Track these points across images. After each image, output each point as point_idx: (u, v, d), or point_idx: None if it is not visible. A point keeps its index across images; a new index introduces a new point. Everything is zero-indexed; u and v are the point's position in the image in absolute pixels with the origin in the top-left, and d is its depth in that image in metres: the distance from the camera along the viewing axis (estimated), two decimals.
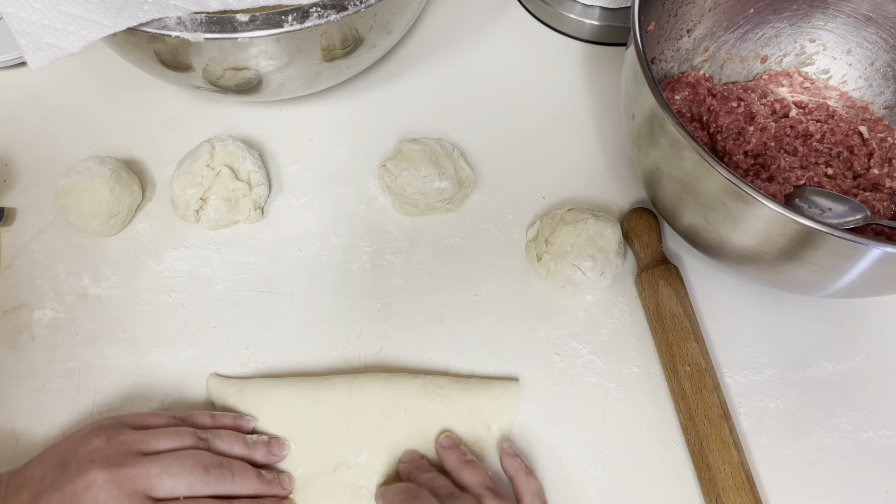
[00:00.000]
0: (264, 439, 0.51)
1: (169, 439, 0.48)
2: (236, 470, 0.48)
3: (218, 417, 0.52)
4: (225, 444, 0.50)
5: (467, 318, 0.60)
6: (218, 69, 0.58)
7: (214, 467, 0.47)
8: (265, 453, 0.51)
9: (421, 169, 0.61)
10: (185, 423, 0.51)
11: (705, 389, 0.54)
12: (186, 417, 0.51)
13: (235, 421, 0.52)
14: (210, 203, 0.61)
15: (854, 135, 0.62)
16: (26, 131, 0.68)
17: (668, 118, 0.49)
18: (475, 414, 0.54)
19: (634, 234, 0.62)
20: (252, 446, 0.51)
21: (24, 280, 0.60)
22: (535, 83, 0.74)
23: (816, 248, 0.46)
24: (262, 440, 0.51)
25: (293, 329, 0.59)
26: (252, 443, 0.51)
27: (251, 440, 0.51)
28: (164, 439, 0.48)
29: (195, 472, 0.46)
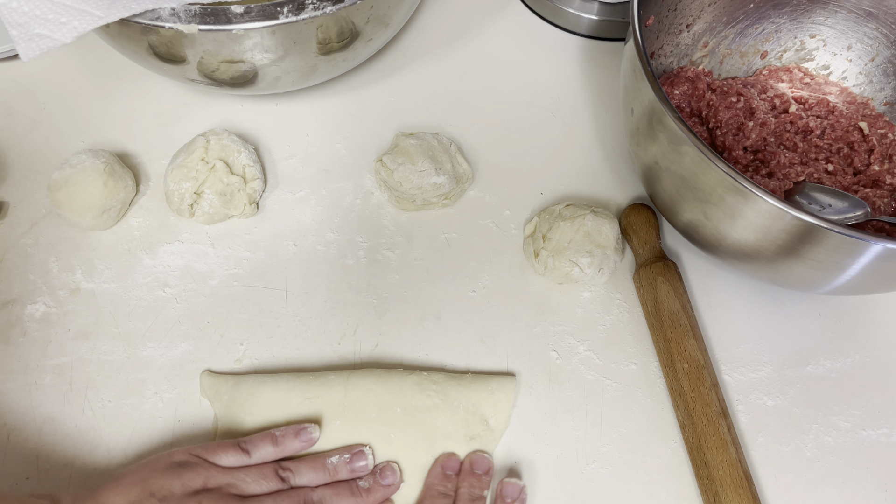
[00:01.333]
0: (346, 458, 0.50)
1: (257, 483, 0.48)
2: (328, 500, 0.49)
3: (280, 439, 0.50)
4: (305, 478, 0.50)
5: (464, 314, 0.60)
6: (213, 62, 0.58)
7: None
8: (348, 472, 0.50)
9: (418, 164, 0.61)
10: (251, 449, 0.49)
11: (703, 387, 0.53)
12: (250, 444, 0.50)
13: (298, 436, 0.51)
14: (205, 197, 0.61)
15: (854, 131, 0.61)
16: (19, 124, 0.68)
17: (667, 112, 0.48)
18: (471, 409, 0.54)
19: (632, 230, 0.62)
20: (334, 471, 0.50)
21: (16, 274, 0.60)
22: (533, 78, 0.74)
23: (816, 244, 0.45)
24: (344, 460, 0.50)
25: (288, 325, 0.59)
26: (333, 467, 0.50)
27: (331, 464, 0.50)
28: (254, 483, 0.48)
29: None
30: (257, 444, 0.50)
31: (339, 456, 0.50)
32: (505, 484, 0.51)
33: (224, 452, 0.49)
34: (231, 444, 0.49)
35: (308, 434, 0.51)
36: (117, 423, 0.54)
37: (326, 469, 0.50)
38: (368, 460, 0.51)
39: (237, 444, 0.49)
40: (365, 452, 0.51)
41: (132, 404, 0.55)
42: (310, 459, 0.50)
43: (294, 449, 0.51)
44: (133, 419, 0.54)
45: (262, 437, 0.50)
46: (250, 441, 0.50)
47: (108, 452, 0.53)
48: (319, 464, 0.50)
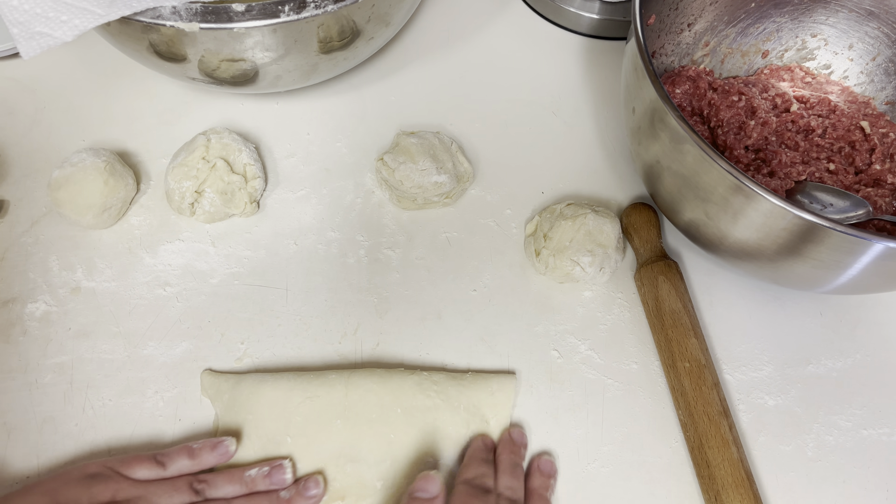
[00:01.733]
0: (264, 472, 0.49)
1: (168, 497, 0.47)
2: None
3: (197, 452, 0.50)
4: (221, 490, 0.49)
5: (465, 313, 0.60)
6: (213, 60, 0.58)
7: None
8: (266, 485, 0.49)
9: (419, 162, 0.61)
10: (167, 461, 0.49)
11: (705, 386, 0.53)
12: (166, 457, 0.49)
13: (215, 449, 0.50)
14: (205, 196, 0.61)
15: (856, 130, 0.61)
16: (20, 123, 0.68)
17: (668, 111, 0.48)
18: (472, 409, 0.54)
19: (634, 229, 0.62)
20: (251, 483, 0.49)
21: (17, 273, 0.59)
22: (534, 77, 0.74)
23: (818, 243, 0.45)
24: (262, 473, 0.49)
25: (289, 324, 0.59)
26: (251, 479, 0.49)
27: (249, 477, 0.49)
28: (165, 497, 0.47)
29: None
30: (173, 456, 0.49)
31: (257, 469, 0.50)
32: (542, 459, 0.53)
33: (139, 465, 0.48)
34: (146, 457, 0.49)
35: (224, 447, 0.50)
36: (118, 422, 0.54)
37: (244, 482, 0.49)
38: (287, 473, 0.50)
39: (153, 457, 0.49)
40: (284, 466, 0.50)
41: (133, 403, 0.55)
42: (227, 472, 0.50)
43: (210, 462, 0.50)
44: (134, 418, 0.54)
45: (178, 449, 0.50)
46: (166, 454, 0.49)
47: (109, 452, 0.53)
48: (237, 476, 0.49)
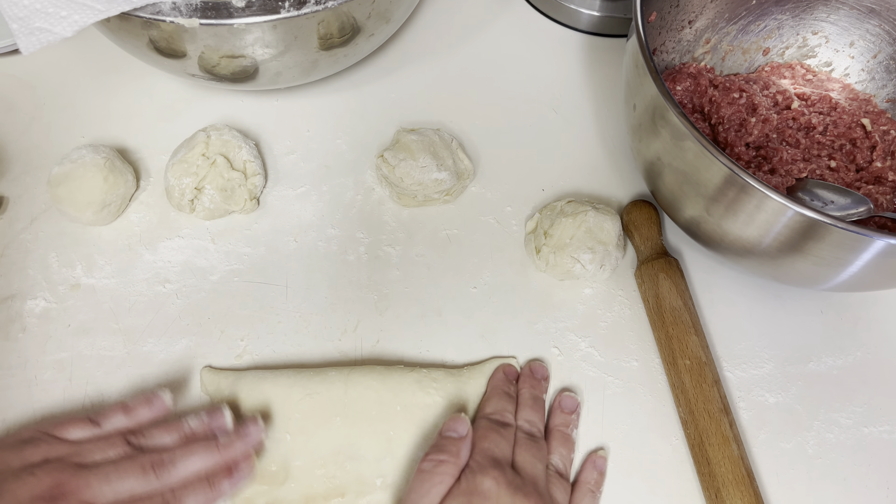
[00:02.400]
0: (202, 418, 0.49)
1: (102, 451, 0.46)
2: (178, 458, 0.47)
3: (132, 408, 0.49)
4: (158, 440, 0.48)
5: (465, 310, 0.60)
6: (213, 57, 0.57)
7: (153, 466, 0.46)
8: (205, 431, 0.49)
9: (419, 159, 0.61)
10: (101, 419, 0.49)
11: (705, 383, 0.53)
12: (101, 416, 0.49)
13: (149, 403, 0.50)
14: (205, 193, 0.60)
15: (857, 127, 0.61)
16: (19, 119, 0.68)
17: (669, 108, 0.48)
18: (471, 404, 0.54)
19: (634, 226, 0.62)
20: (190, 432, 0.49)
21: (16, 270, 0.59)
22: (534, 74, 0.74)
23: (819, 240, 0.45)
24: (201, 420, 0.49)
25: (289, 321, 0.59)
26: (189, 428, 0.49)
27: (188, 426, 0.49)
28: (98, 452, 0.46)
29: (134, 475, 0.45)
30: (108, 414, 0.49)
31: (195, 416, 0.49)
32: (564, 396, 0.54)
33: (72, 426, 0.48)
34: (80, 418, 0.48)
35: (160, 400, 0.50)
36: None
37: (182, 430, 0.49)
38: (226, 418, 0.49)
39: (87, 418, 0.48)
40: (222, 410, 0.50)
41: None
42: (164, 423, 0.49)
43: (146, 417, 0.49)
44: None
45: (112, 407, 0.49)
46: (101, 412, 0.49)
47: None
48: (174, 426, 0.49)
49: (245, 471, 0.48)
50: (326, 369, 0.54)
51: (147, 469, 0.46)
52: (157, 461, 0.46)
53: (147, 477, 0.45)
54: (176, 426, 0.49)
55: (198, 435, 0.49)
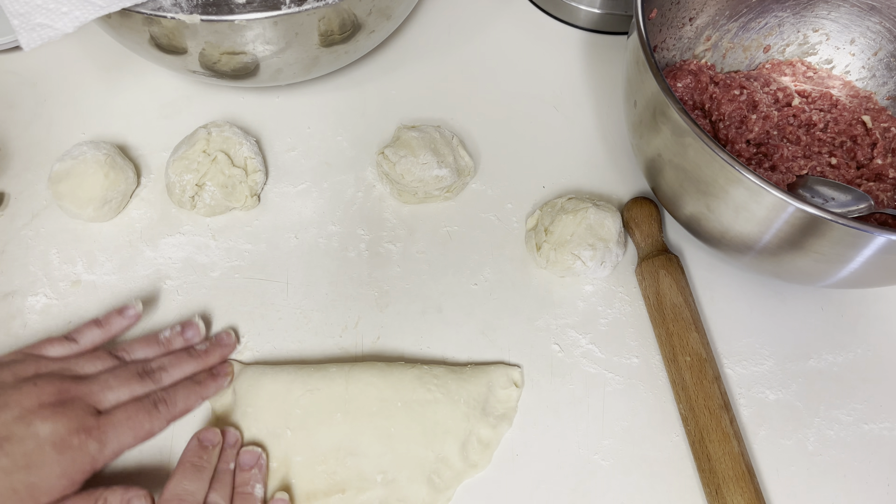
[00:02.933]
0: (177, 330, 0.54)
1: (91, 364, 0.50)
2: (167, 364, 0.52)
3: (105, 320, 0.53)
4: (139, 353, 0.52)
5: (466, 307, 0.60)
6: (214, 53, 0.57)
7: (148, 373, 0.50)
8: (182, 342, 0.54)
9: (420, 156, 0.61)
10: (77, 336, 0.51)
11: (706, 380, 0.53)
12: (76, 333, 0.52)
13: (121, 314, 0.53)
14: (206, 189, 0.60)
15: (857, 124, 0.61)
16: (20, 116, 0.68)
17: (670, 104, 0.48)
18: (472, 403, 0.54)
19: (635, 223, 0.62)
20: (167, 342, 0.53)
21: (17, 266, 0.59)
22: (535, 72, 0.74)
23: (820, 236, 0.45)
24: (176, 331, 0.54)
25: (289, 317, 0.59)
26: (166, 339, 0.53)
27: (164, 337, 0.53)
28: (88, 364, 0.50)
29: (132, 381, 0.49)
30: (82, 330, 0.52)
31: (170, 329, 0.54)
32: (242, 453, 0.50)
33: (51, 345, 0.50)
34: (57, 338, 0.51)
35: (132, 310, 0.53)
36: None
37: (160, 342, 0.53)
38: (200, 328, 0.55)
39: (63, 337, 0.51)
40: (195, 322, 0.55)
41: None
42: (142, 337, 0.53)
43: (120, 326, 0.53)
44: None
45: (86, 324, 0.52)
46: (75, 330, 0.52)
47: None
48: (152, 339, 0.53)
49: (226, 374, 0.53)
50: (327, 365, 0.54)
51: (143, 375, 0.50)
52: (148, 368, 0.51)
53: (143, 381, 0.50)
54: (153, 339, 0.53)
55: (175, 345, 0.53)
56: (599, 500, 0.52)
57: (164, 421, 0.49)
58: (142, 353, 0.52)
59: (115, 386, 0.48)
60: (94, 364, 0.50)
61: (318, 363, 0.56)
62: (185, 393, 0.51)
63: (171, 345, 0.53)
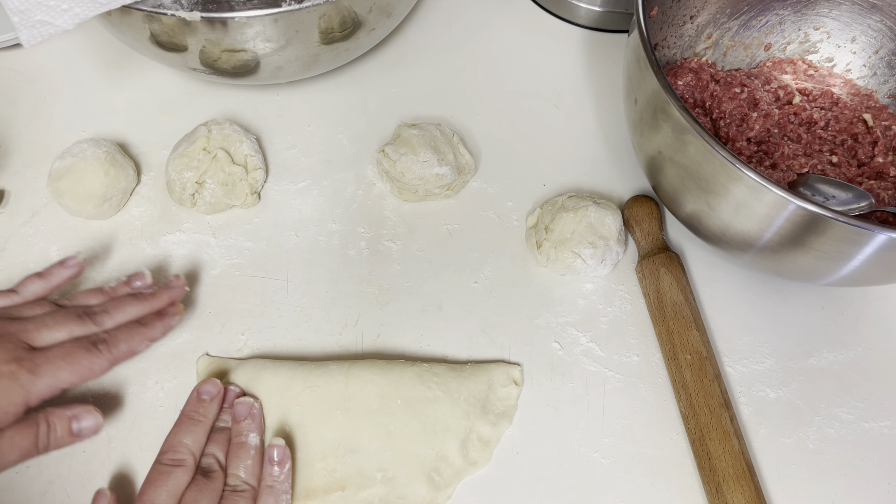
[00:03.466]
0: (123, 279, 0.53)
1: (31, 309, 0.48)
2: (110, 307, 0.50)
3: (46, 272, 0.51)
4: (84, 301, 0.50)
5: (466, 305, 0.60)
6: (214, 51, 0.57)
7: (88, 314, 0.48)
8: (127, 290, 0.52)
9: (420, 154, 0.61)
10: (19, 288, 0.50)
11: (706, 378, 0.53)
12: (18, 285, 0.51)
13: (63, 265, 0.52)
14: (206, 187, 0.60)
15: (858, 122, 0.61)
16: (20, 113, 0.68)
17: (671, 101, 0.48)
18: (472, 401, 0.54)
19: (635, 221, 0.62)
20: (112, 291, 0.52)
21: (17, 263, 0.59)
22: (535, 70, 0.74)
23: (821, 234, 0.45)
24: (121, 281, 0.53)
25: (289, 315, 0.59)
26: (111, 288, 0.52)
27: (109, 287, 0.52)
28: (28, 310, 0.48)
29: (70, 321, 0.47)
30: (24, 283, 0.51)
31: (116, 281, 0.52)
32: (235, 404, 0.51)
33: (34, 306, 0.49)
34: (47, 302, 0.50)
35: (73, 260, 0.52)
36: (118, 412, 0.54)
37: (104, 292, 0.51)
38: (147, 276, 0.53)
39: (3, 291, 0.50)
40: (143, 272, 0.53)
41: (133, 393, 0.55)
42: (87, 290, 0.52)
43: (62, 277, 0.52)
44: (134, 408, 0.54)
45: (27, 276, 0.51)
46: (18, 283, 0.51)
47: (109, 442, 0.53)
48: (97, 290, 0.52)
49: (173, 314, 0.52)
50: (327, 363, 0.54)
51: (82, 316, 0.48)
52: (90, 311, 0.49)
53: (83, 322, 0.48)
54: (99, 290, 0.52)
55: (119, 293, 0.52)
56: (600, 498, 0.52)
57: (106, 361, 0.47)
58: (85, 301, 0.50)
59: (51, 325, 0.47)
60: (33, 309, 0.48)
61: (319, 361, 0.56)
62: (129, 333, 0.49)
63: (115, 293, 0.52)
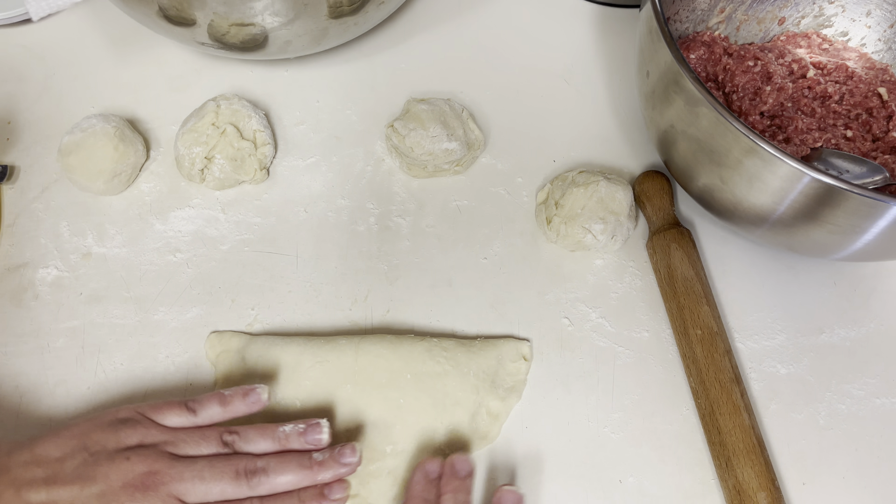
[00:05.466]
0: (300, 429, 0.47)
1: (196, 445, 0.46)
2: (272, 468, 0.46)
3: (229, 399, 0.48)
4: (252, 445, 0.47)
5: (475, 281, 0.60)
6: (223, 25, 0.57)
7: (247, 474, 0.45)
8: (300, 444, 0.47)
9: (429, 129, 0.60)
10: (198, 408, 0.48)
11: (717, 353, 0.53)
12: (197, 404, 0.48)
13: (246, 397, 0.48)
14: (215, 162, 0.60)
15: (873, 97, 0.60)
16: (30, 89, 0.68)
17: (684, 73, 0.47)
18: (482, 376, 0.54)
19: (646, 196, 0.61)
20: (285, 439, 0.47)
21: (28, 239, 0.60)
22: (546, 44, 0.73)
23: (835, 206, 0.45)
24: (297, 430, 0.47)
25: (299, 290, 0.59)
26: (284, 436, 0.47)
27: (283, 433, 0.47)
28: (193, 445, 0.46)
29: (226, 477, 0.45)
30: (204, 403, 0.48)
31: (292, 425, 0.48)
32: (503, 491, 0.48)
33: (169, 411, 0.47)
34: (177, 403, 0.48)
35: (256, 395, 0.48)
36: (129, 386, 0.54)
37: (277, 437, 0.47)
38: (324, 434, 0.47)
39: (183, 404, 0.48)
40: (321, 425, 0.48)
41: (144, 367, 0.55)
42: (260, 426, 0.48)
43: (241, 411, 0.48)
44: (145, 382, 0.54)
45: (209, 396, 0.49)
46: (198, 400, 0.48)
47: None
48: (269, 431, 0.47)
49: (338, 493, 0.46)
50: (337, 337, 0.54)
51: (241, 475, 0.45)
52: (251, 468, 0.45)
53: (239, 482, 0.45)
54: (271, 431, 0.47)
55: (292, 445, 0.47)
56: (609, 472, 0.52)
57: None
58: (253, 444, 0.47)
59: (207, 479, 0.44)
60: (199, 446, 0.46)
61: (328, 336, 0.56)
62: None
63: (287, 443, 0.47)
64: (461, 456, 0.49)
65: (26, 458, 0.44)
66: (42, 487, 0.43)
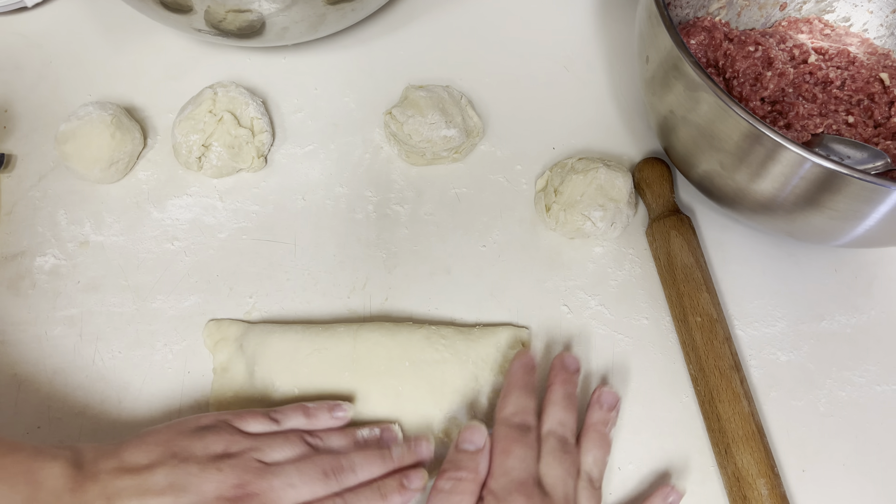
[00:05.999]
0: (375, 433, 0.49)
1: (282, 449, 0.46)
2: (357, 464, 0.47)
3: (313, 412, 0.49)
4: (336, 443, 0.48)
5: (474, 268, 0.59)
6: (220, 11, 0.57)
7: (335, 472, 0.46)
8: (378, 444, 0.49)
9: (428, 116, 0.60)
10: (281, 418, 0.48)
11: (716, 340, 0.53)
12: (280, 414, 0.49)
13: (331, 411, 0.49)
14: (212, 150, 0.60)
15: (875, 82, 0.60)
16: (26, 78, 0.67)
17: (683, 58, 0.47)
18: (480, 363, 0.53)
19: (646, 183, 0.61)
20: (364, 442, 0.49)
21: (25, 227, 0.59)
22: (545, 31, 0.72)
23: (836, 192, 0.44)
24: (374, 434, 0.49)
25: (297, 278, 0.58)
26: (363, 439, 0.49)
27: (361, 436, 0.49)
28: (278, 449, 0.46)
29: (316, 479, 0.45)
30: (288, 414, 0.49)
31: (368, 429, 0.49)
32: (603, 391, 0.50)
33: (252, 419, 0.48)
34: (260, 413, 0.48)
35: (342, 411, 0.49)
36: (127, 374, 0.54)
37: (355, 438, 0.49)
38: (398, 433, 0.50)
39: (266, 414, 0.48)
40: (393, 429, 0.50)
41: (142, 355, 0.55)
42: (339, 429, 0.49)
43: (325, 424, 0.49)
44: (143, 370, 0.54)
45: (293, 407, 0.49)
46: (280, 411, 0.49)
47: (119, 403, 0.53)
48: (348, 433, 0.49)
49: (416, 483, 0.47)
50: (335, 325, 0.54)
51: (328, 474, 0.46)
52: (336, 466, 0.46)
53: (328, 481, 0.46)
54: (349, 434, 0.49)
55: (370, 443, 0.49)
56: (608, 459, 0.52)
57: None
58: (336, 443, 0.48)
59: (297, 484, 0.45)
60: (284, 450, 0.46)
61: (327, 323, 0.55)
62: None
63: (365, 444, 0.49)
64: (570, 353, 0.52)
65: (114, 465, 0.44)
66: (134, 498, 0.42)
